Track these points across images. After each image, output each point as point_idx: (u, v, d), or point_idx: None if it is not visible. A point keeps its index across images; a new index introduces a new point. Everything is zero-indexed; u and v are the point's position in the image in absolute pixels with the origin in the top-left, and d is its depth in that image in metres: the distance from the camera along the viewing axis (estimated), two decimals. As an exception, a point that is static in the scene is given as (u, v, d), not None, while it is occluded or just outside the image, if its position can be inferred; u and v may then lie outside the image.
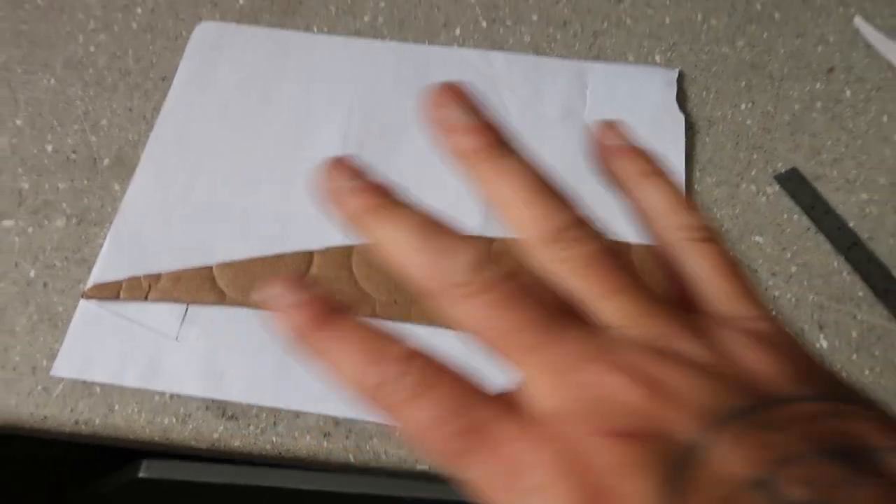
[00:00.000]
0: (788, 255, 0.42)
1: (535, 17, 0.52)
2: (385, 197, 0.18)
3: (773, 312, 0.18)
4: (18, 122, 0.47)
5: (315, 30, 0.51)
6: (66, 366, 0.39)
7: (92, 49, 0.50)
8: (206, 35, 0.51)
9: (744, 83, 0.49)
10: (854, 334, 0.40)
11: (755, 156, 0.46)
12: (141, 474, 0.62)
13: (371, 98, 0.48)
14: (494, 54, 0.50)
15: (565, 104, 0.48)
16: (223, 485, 0.62)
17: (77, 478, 0.67)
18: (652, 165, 0.21)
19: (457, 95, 0.19)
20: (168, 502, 0.66)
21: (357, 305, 0.40)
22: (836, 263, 0.42)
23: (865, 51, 0.50)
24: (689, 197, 0.19)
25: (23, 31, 0.51)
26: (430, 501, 0.59)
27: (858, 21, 0.52)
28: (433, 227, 0.18)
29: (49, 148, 0.46)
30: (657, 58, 0.50)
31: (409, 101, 0.48)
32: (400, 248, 0.18)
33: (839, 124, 0.47)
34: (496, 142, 0.19)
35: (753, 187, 0.45)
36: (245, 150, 0.46)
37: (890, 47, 0.50)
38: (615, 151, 0.21)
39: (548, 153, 0.46)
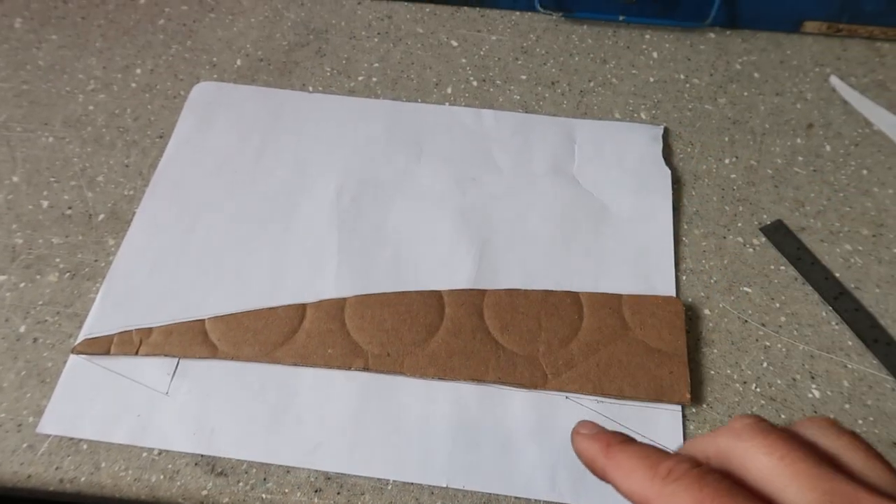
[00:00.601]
0: (777, 305, 0.43)
1: (523, 77, 0.54)
2: (614, 438, 0.25)
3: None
4: (15, 179, 0.48)
5: (310, 89, 0.53)
6: (53, 422, 0.38)
7: (91, 108, 0.51)
8: (204, 94, 0.52)
9: (727, 138, 0.51)
10: (846, 383, 0.40)
11: (741, 208, 0.47)
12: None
13: (365, 154, 0.49)
14: (485, 112, 0.52)
15: (554, 159, 0.49)
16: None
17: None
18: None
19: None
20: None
21: (349, 358, 0.40)
22: (824, 313, 0.43)
23: (842, 107, 0.52)
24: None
25: (24, 91, 0.52)
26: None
27: (834, 80, 0.54)
28: (651, 450, 0.23)
29: (45, 203, 0.46)
30: (643, 115, 0.52)
31: (402, 157, 0.49)
32: (626, 468, 0.22)
33: (821, 178, 0.49)
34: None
35: (740, 239, 0.46)
36: (240, 205, 0.47)
37: (865, 104, 0.52)
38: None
39: (537, 207, 0.47)
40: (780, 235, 0.46)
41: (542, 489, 0.36)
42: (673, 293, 0.43)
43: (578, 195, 0.47)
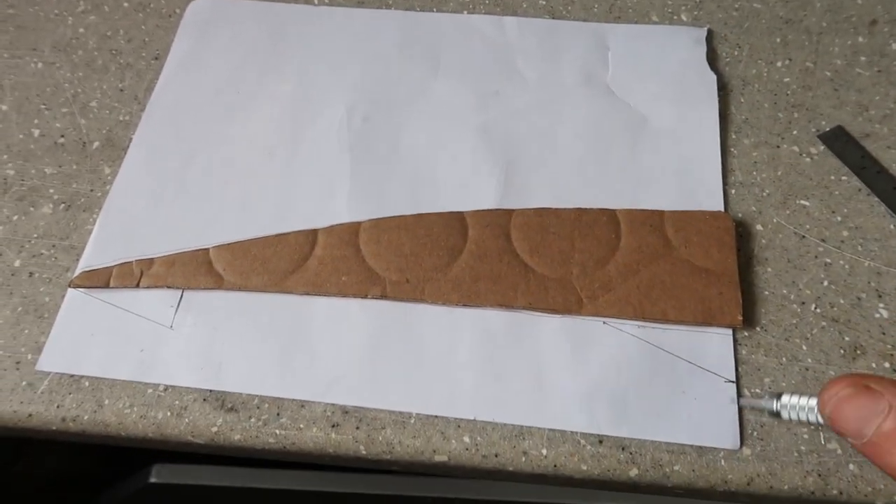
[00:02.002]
0: (839, 219, 0.38)
1: (549, -19, 0.49)
2: None
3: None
4: (4, 108, 0.44)
5: (316, 1, 0.48)
6: (52, 359, 0.35)
7: (81, 30, 0.48)
8: (201, 11, 0.48)
9: (779, 39, 0.45)
10: (918, 302, 0.36)
11: (796, 114, 0.42)
12: (152, 479, 0.59)
13: (376, 71, 0.45)
14: (507, 19, 0.47)
15: (586, 69, 0.44)
16: (237, 488, 0.59)
17: (88, 488, 0.64)
18: None
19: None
20: (181, 507, 0.63)
21: (365, 285, 0.36)
22: (892, 226, 0.38)
23: (910, 1, 0.46)
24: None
25: (9, 16, 0.48)
26: (451, 501, 0.55)
27: (900, -30, 0.48)
28: None
29: (36, 132, 0.43)
30: (683, 16, 0.47)
31: (417, 72, 0.45)
32: None
33: (886, 79, 0.43)
34: None
35: (796, 148, 0.41)
36: (243, 129, 0.43)
37: (938, -5, 0.46)
38: None
39: (568, 121, 0.43)
40: (840, 143, 0.41)
41: (579, 421, 0.33)
42: (721, 208, 0.39)
43: (613, 106, 0.43)
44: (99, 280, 0.37)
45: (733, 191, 0.40)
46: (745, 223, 0.38)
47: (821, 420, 0.27)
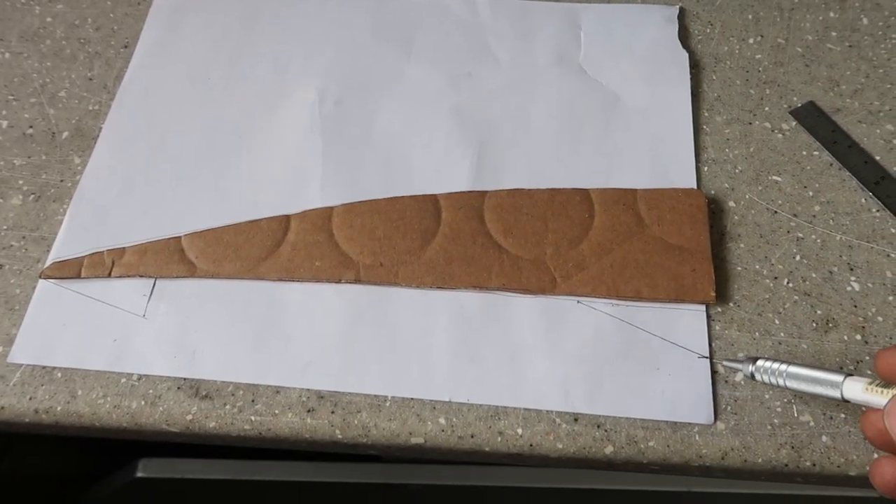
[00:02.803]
0: (811, 194, 0.39)
1: (521, -39, 0.49)
2: None
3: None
4: (-29, 99, 0.44)
5: (286, -14, 0.48)
6: (24, 351, 0.35)
7: (49, 20, 0.47)
8: (170, -2, 0.48)
9: (750, 16, 0.45)
10: (889, 274, 0.36)
11: (768, 91, 0.42)
12: (139, 474, 0.59)
13: (349, 54, 0.45)
14: (479, 1, 0.47)
15: (558, 49, 0.44)
16: (224, 480, 0.59)
17: (75, 485, 0.64)
18: None
19: None
20: (169, 501, 0.63)
21: (339, 270, 0.36)
22: (863, 200, 0.38)
23: (881, -25, 0.46)
24: None
25: (-25, 6, 0.48)
26: (439, 488, 0.55)
27: (871, -55, 0.48)
28: None
29: (4, 123, 0.43)
30: (655, -5, 0.47)
31: (389, 55, 0.45)
32: None
33: (857, 54, 0.43)
34: None
35: (768, 124, 0.41)
36: (214, 116, 0.42)
37: (908, -31, 0.46)
38: None
39: (542, 102, 0.42)
40: (812, 118, 0.41)
41: (554, 400, 0.33)
42: (694, 185, 0.39)
43: (586, 86, 0.43)
44: (70, 270, 0.37)
45: (706, 168, 0.40)
46: (717, 200, 0.39)
47: (789, 385, 0.29)
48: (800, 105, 0.42)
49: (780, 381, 0.30)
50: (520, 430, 0.33)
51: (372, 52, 0.45)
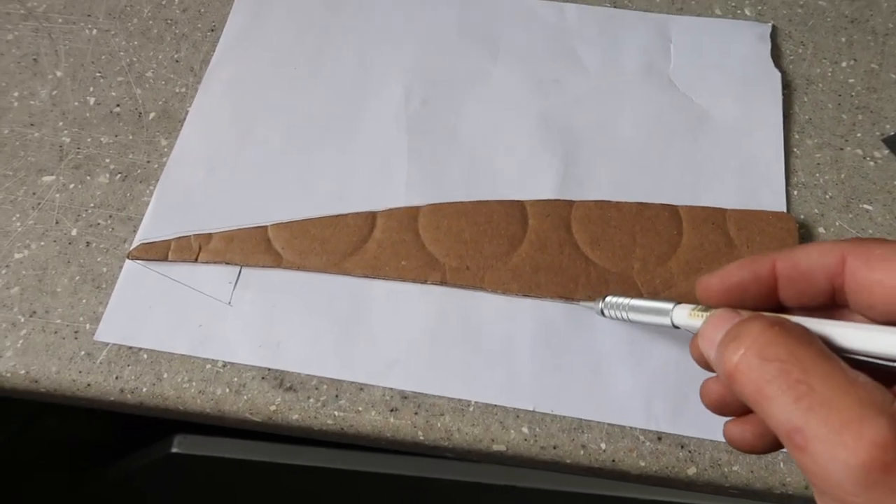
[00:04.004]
0: (902, 225, 0.38)
1: (610, -32, 0.48)
2: None
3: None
4: (59, 74, 0.44)
5: (373, -21, 0.48)
6: (110, 330, 0.36)
7: (136, -2, 0.47)
8: (257, -16, 0.47)
9: (844, 39, 0.45)
10: (981, 313, 0.35)
11: (860, 117, 0.42)
12: (174, 450, 0.60)
13: (434, 52, 0.45)
14: (568, 6, 0.46)
15: (647, 60, 0.44)
16: (258, 462, 0.60)
17: (108, 453, 0.65)
18: None
19: None
20: (201, 478, 0.64)
21: (425, 270, 0.36)
22: (955, 235, 0.38)
23: (979, 5, 0.46)
24: None
25: (64, -21, 0.48)
26: (491, 487, 0.55)
27: (970, -27, 0.47)
28: None
29: (91, 100, 0.43)
30: (747, 11, 0.46)
31: (475, 54, 0.44)
32: None
33: (953, 84, 0.43)
34: None
35: (860, 151, 0.41)
36: (300, 106, 0.43)
37: None
38: None
39: (630, 113, 0.42)
40: (905, 148, 0.40)
41: (637, 417, 0.33)
42: (783, 209, 0.38)
43: (675, 99, 0.42)
44: (157, 253, 0.37)
45: (795, 192, 0.39)
46: (807, 225, 0.38)
47: (631, 317, 0.31)
48: (893, 133, 0.41)
49: (624, 315, 0.32)
50: (603, 445, 0.33)
51: (457, 51, 0.45)
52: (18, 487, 0.63)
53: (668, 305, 0.29)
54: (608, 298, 0.33)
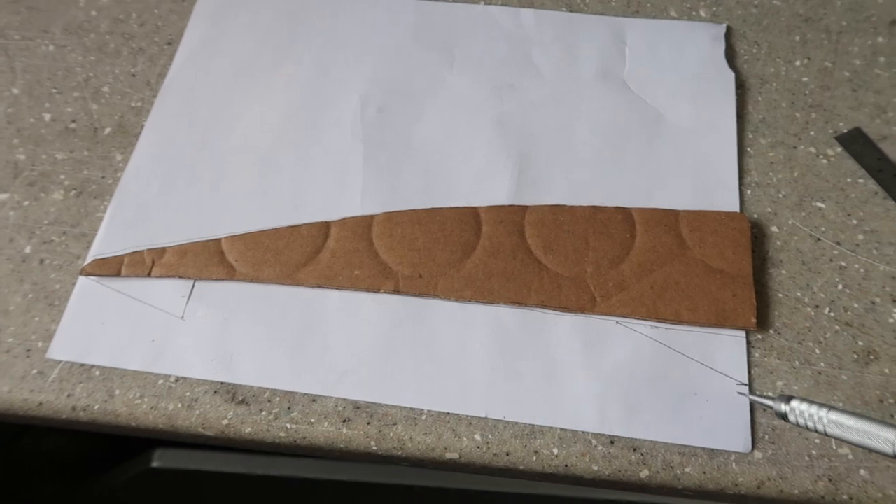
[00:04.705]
0: (854, 222, 0.38)
1: (566, -27, 0.48)
2: None
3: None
4: (15, 91, 0.44)
5: (330, -11, 0.48)
6: (63, 348, 0.35)
7: (93, 13, 0.47)
8: (214, -4, 0.48)
9: (798, 37, 0.45)
10: (933, 308, 0.36)
11: (813, 115, 0.42)
12: (154, 464, 0.60)
13: (391, 60, 0.45)
14: (524, 11, 0.46)
15: (602, 63, 0.44)
16: (238, 474, 0.60)
17: (89, 469, 0.64)
18: None
19: None
20: (182, 492, 0.63)
21: (378, 279, 0.36)
22: (908, 231, 0.38)
23: (932, 1, 0.46)
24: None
25: (20, -4, 0.48)
26: (448, 491, 0.55)
27: (923, -31, 0.47)
28: None
29: (47, 117, 0.43)
30: (702, 12, 0.46)
31: (433, 63, 0.44)
32: None
33: (906, 80, 0.43)
34: None
35: (813, 149, 0.41)
36: (256, 117, 0.43)
37: (960, -4, 0.46)
38: None
39: (584, 116, 0.42)
40: (858, 145, 0.41)
41: (591, 421, 0.33)
42: (737, 209, 0.38)
43: (630, 102, 0.42)
44: (110, 268, 0.37)
45: (749, 191, 0.39)
46: (760, 224, 0.38)
47: (828, 430, 0.28)
48: (846, 131, 0.41)
49: (820, 427, 0.29)
50: (555, 451, 0.33)
51: (415, 58, 0.45)
52: (-5, 506, 0.62)
53: (890, 434, 0.26)
54: (795, 403, 0.29)
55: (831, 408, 0.29)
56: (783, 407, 0.30)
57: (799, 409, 0.29)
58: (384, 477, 0.57)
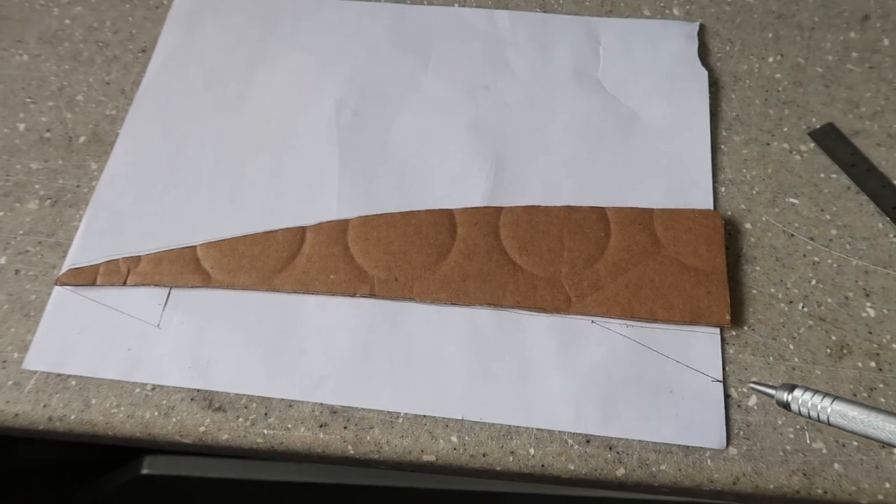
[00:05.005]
0: (828, 217, 0.38)
1: (540, -27, 0.48)
2: None
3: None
4: (-11, 101, 0.44)
5: (304, -6, 0.48)
6: (38, 358, 0.35)
7: (67, 22, 0.47)
8: (189, 2, 0.47)
9: (770, 34, 0.45)
10: (905, 301, 0.36)
11: (786, 111, 0.42)
12: (144, 471, 0.59)
13: (366, 64, 0.45)
14: (498, 13, 0.46)
15: (576, 63, 0.44)
16: (229, 480, 0.60)
17: (80, 477, 0.64)
18: None
19: None
20: (173, 498, 0.63)
21: (354, 283, 0.36)
22: (880, 224, 0.38)
23: (903, -4, 0.46)
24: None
25: (-6, 6, 0.48)
26: (438, 492, 0.55)
27: (894, -36, 0.47)
28: None
29: (21, 126, 0.43)
30: (675, 10, 0.46)
31: (407, 66, 0.44)
32: None
33: (878, 75, 0.43)
34: None
35: (786, 145, 0.41)
36: (231, 123, 0.42)
37: (930, -10, 0.46)
38: None
39: (558, 116, 0.42)
40: (831, 140, 0.41)
41: (567, 421, 0.33)
42: (710, 206, 0.39)
43: (604, 102, 0.43)
44: (85, 278, 0.37)
45: (723, 188, 0.39)
46: (734, 221, 0.38)
47: (832, 420, 0.27)
48: (819, 126, 0.41)
49: (823, 417, 0.28)
50: (532, 451, 0.33)
51: (389, 62, 0.45)
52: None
53: None
54: (798, 392, 0.28)
55: (835, 398, 0.28)
56: (786, 396, 0.29)
57: (802, 399, 0.28)
58: (377, 479, 0.57)
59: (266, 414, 0.34)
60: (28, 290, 0.37)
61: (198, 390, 0.34)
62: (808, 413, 0.28)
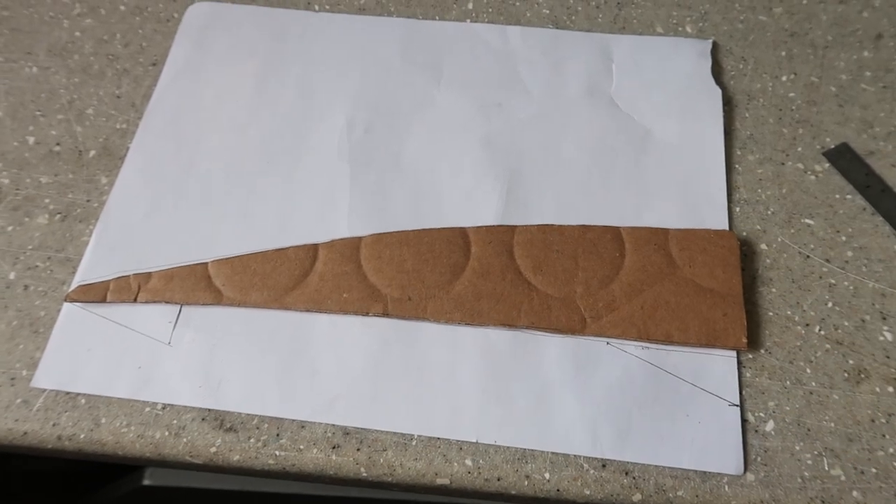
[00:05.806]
0: (843, 239, 0.38)
1: (553, -11, 0.48)
2: None
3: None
4: (-2, 114, 0.43)
5: (316, 7, 0.48)
6: (48, 376, 0.35)
7: (77, 34, 0.47)
8: (200, 16, 0.47)
9: (784, 53, 0.45)
10: (922, 325, 0.36)
11: (801, 131, 0.42)
12: (145, 482, 0.59)
13: (378, 80, 0.44)
14: (511, 29, 0.46)
15: (589, 80, 0.44)
16: (230, 491, 0.59)
17: (80, 488, 0.64)
18: None
19: None
20: (174, 511, 0.63)
21: (367, 302, 0.36)
22: (896, 247, 0.38)
23: (916, 15, 0.46)
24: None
25: (3, 18, 0.47)
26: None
27: (907, -16, 0.47)
28: None
29: (31, 140, 0.42)
30: (688, 28, 0.46)
31: (419, 81, 0.44)
32: None
33: (892, 95, 0.43)
34: None
35: (801, 165, 0.41)
36: (242, 139, 0.42)
37: (944, 10, 0.46)
38: None
39: (571, 134, 0.42)
40: (845, 160, 0.41)
41: (582, 444, 0.33)
42: (725, 227, 0.38)
43: (617, 119, 0.42)
44: (95, 294, 0.37)
45: (738, 208, 0.39)
46: (749, 242, 0.38)
47: None
48: (833, 146, 0.41)
49: None
50: (547, 475, 0.32)
51: (401, 77, 0.45)
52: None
53: None
54: None
55: None
56: None
57: None
58: (385, 493, 0.56)
59: (278, 435, 0.33)
60: (37, 307, 0.37)
61: (209, 410, 0.34)
62: None
